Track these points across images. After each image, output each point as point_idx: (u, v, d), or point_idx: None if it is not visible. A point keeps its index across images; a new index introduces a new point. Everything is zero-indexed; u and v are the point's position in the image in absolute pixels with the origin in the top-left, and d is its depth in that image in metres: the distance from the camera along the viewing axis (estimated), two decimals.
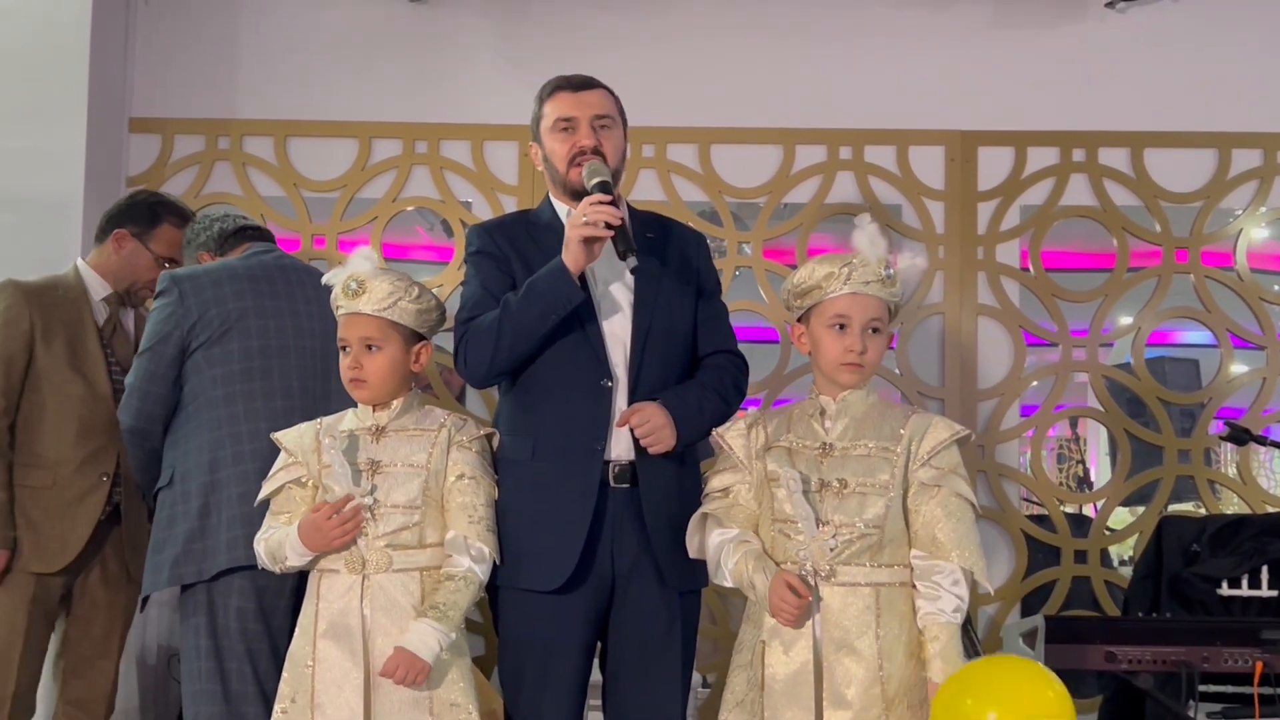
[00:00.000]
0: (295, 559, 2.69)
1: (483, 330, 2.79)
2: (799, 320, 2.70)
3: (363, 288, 2.71)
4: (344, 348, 2.75)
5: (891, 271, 2.60)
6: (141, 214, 3.53)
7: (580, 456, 2.75)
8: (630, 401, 2.76)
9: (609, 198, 2.70)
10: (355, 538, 2.65)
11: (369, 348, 2.72)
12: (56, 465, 3.34)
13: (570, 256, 2.70)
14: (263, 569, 2.80)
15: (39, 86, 4.34)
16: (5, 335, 3.35)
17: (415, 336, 2.77)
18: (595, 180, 2.75)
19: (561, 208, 2.91)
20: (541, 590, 2.74)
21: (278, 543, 2.71)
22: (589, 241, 2.68)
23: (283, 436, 2.80)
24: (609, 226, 2.66)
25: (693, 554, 2.72)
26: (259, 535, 2.77)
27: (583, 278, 2.76)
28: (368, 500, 2.65)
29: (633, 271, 2.72)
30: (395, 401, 2.76)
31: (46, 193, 4.34)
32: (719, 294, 3.02)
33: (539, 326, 2.74)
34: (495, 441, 2.85)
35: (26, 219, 4.33)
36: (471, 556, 2.68)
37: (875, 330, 2.61)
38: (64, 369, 3.36)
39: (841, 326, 2.60)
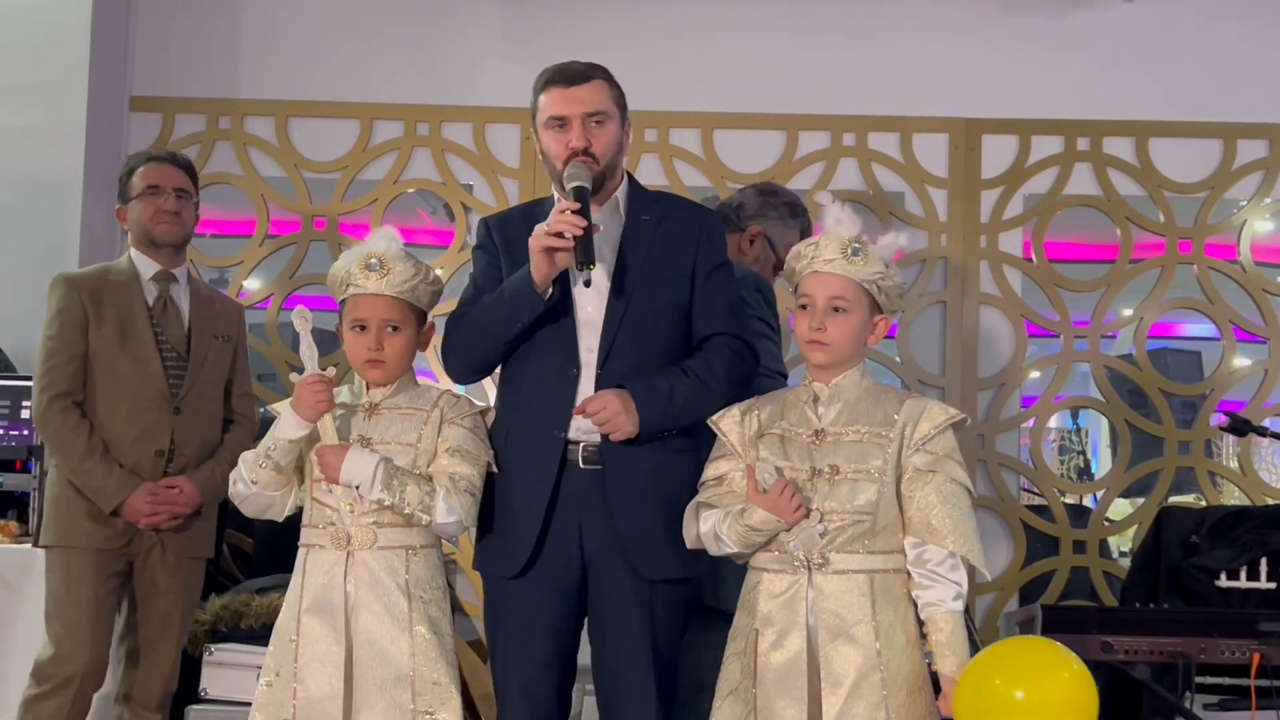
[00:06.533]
0: (291, 429, 2.66)
1: (460, 330, 2.84)
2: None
3: (386, 268, 2.71)
4: (361, 327, 2.74)
5: (858, 248, 2.57)
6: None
7: (542, 444, 2.75)
8: (599, 388, 2.74)
9: (577, 206, 2.68)
10: (329, 402, 2.66)
11: (391, 329, 2.73)
12: (113, 442, 3.36)
13: (533, 266, 2.70)
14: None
15: (40, 64, 4.34)
16: (61, 324, 3.40)
17: (423, 318, 2.80)
18: (572, 185, 2.73)
19: (559, 198, 2.89)
20: (504, 576, 2.76)
21: (269, 433, 2.70)
22: (550, 251, 2.68)
23: (277, 408, 2.81)
24: (572, 237, 2.65)
25: (690, 544, 2.70)
26: (239, 461, 2.76)
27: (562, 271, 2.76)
28: (330, 372, 2.71)
29: (585, 284, 2.72)
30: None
31: (47, 171, 4.34)
32: (724, 274, 2.91)
33: (505, 331, 2.76)
34: (489, 418, 2.84)
35: (26, 197, 4.33)
36: (444, 503, 2.67)
37: (838, 309, 2.58)
38: (114, 350, 3.39)
39: (805, 306, 2.61)
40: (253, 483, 2.71)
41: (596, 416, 2.69)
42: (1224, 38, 4.56)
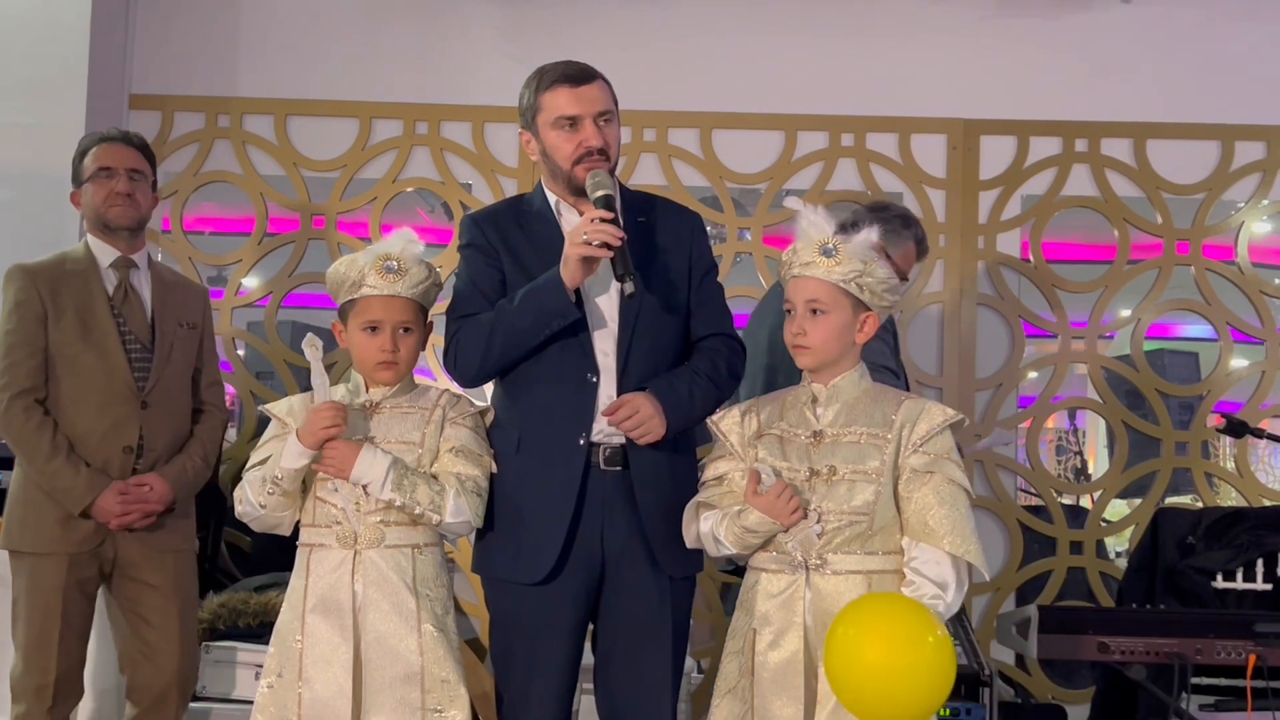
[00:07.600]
0: (296, 459, 2.64)
1: (475, 333, 2.77)
2: None
3: (404, 269, 2.72)
4: (373, 329, 2.73)
5: (831, 249, 2.57)
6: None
7: (563, 451, 2.73)
8: (619, 391, 2.74)
9: (611, 215, 2.65)
10: (338, 430, 2.63)
11: (404, 330, 2.73)
12: (80, 440, 3.27)
13: (567, 273, 2.67)
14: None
15: (40, 62, 4.34)
16: (20, 319, 3.30)
17: (426, 317, 2.81)
18: (599, 194, 2.71)
19: (553, 197, 2.88)
20: (525, 583, 2.74)
21: (272, 459, 2.68)
22: (587, 260, 2.66)
23: (273, 408, 2.80)
24: (609, 246, 2.63)
25: (690, 543, 2.71)
26: (243, 479, 2.74)
27: None
28: (341, 394, 2.70)
29: (628, 298, 2.67)
30: None
31: (46, 169, 4.32)
32: (714, 275, 2.95)
33: (531, 338, 2.73)
34: (489, 418, 2.84)
35: (26, 195, 4.33)
36: (454, 503, 2.67)
37: (815, 311, 2.58)
38: (76, 343, 3.28)
39: (789, 311, 2.62)
40: (261, 506, 2.70)
41: (628, 421, 2.69)
42: (1222, 39, 4.57)
